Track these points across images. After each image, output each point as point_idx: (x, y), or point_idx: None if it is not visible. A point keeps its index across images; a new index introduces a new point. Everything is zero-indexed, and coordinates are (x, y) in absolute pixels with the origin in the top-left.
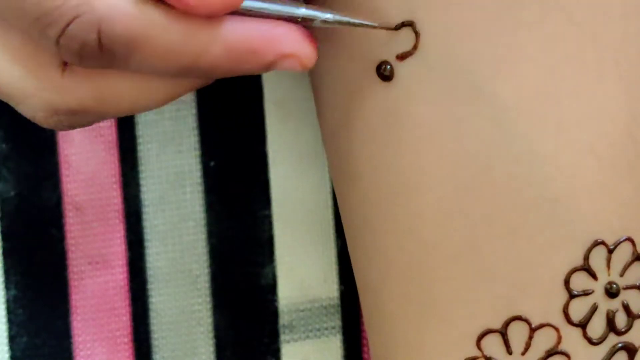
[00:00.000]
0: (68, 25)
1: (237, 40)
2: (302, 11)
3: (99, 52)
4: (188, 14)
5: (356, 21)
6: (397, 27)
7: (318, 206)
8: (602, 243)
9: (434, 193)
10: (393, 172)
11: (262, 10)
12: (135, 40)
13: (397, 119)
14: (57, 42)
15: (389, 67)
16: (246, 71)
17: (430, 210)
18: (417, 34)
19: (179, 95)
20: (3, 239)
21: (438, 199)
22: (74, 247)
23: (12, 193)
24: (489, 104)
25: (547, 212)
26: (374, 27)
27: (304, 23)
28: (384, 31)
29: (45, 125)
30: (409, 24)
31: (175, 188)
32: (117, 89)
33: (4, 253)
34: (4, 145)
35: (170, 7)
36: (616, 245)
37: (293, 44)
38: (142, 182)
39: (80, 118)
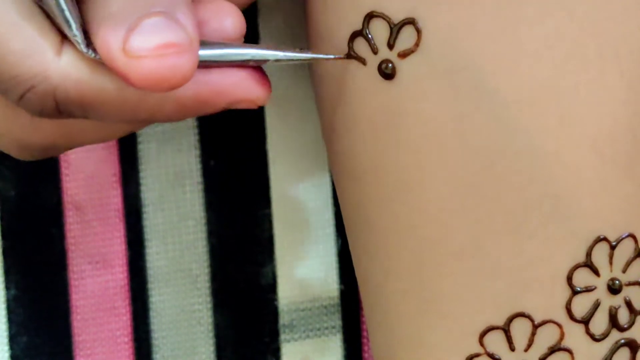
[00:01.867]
0: (25, 93)
1: (187, 96)
2: (253, 53)
3: (57, 112)
4: None
5: (308, 56)
6: (348, 56)
7: (318, 205)
8: (605, 239)
9: (436, 190)
10: (395, 170)
11: (211, 59)
12: (90, 104)
13: (399, 117)
14: (17, 103)
15: (390, 65)
16: (200, 115)
17: (433, 207)
18: (418, 31)
19: (146, 125)
20: (3, 238)
21: (440, 196)
22: (73, 246)
23: (12, 192)
24: (490, 101)
25: (550, 208)
26: (328, 59)
27: (258, 64)
28: None
29: (19, 158)
30: (411, 22)
31: (175, 187)
32: (84, 127)
33: (3, 252)
34: None
35: None
36: (618, 241)
37: (244, 91)
38: (142, 181)
39: (52, 151)
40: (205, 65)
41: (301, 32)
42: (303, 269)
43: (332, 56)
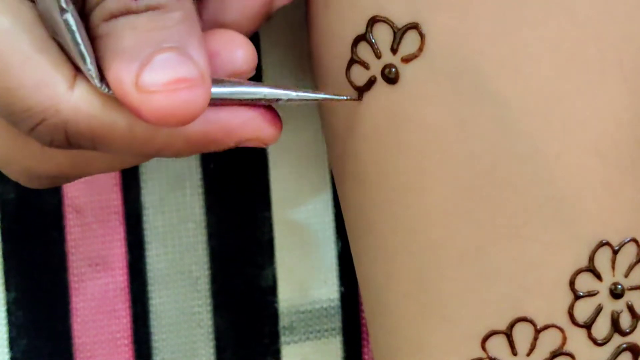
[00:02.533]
0: (36, 126)
1: (197, 134)
2: (265, 92)
3: (67, 144)
4: None
5: (321, 96)
6: (360, 98)
7: (318, 208)
8: (607, 244)
9: (439, 194)
10: (397, 173)
11: (222, 97)
12: (100, 138)
13: (402, 121)
14: (29, 134)
15: (393, 69)
16: (208, 152)
17: (435, 210)
18: (422, 36)
19: (153, 157)
20: (3, 241)
21: (443, 200)
22: (74, 249)
23: (13, 195)
24: (493, 105)
25: (552, 212)
26: (341, 100)
27: (269, 102)
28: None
29: (28, 186)
30: (414, 26)
31: (175, 190)
32: (93, 157)
33: (4, 255)
34: None
35: None
36: (621, 245)
37: (253, 130)
38: (142, 184)
39: (60, 180)
40: (216, 103)
41: (303, 65)
42: (303, 272)
43: (344, 97)
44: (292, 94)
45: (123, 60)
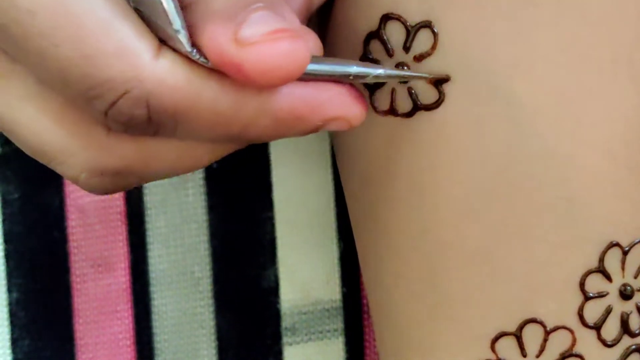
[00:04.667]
0: (117, 100)
1: (284, 109)
2: (354, 69)
3: (146, 124)
4: (242, 85)
5: (407, 74)
6: (448, 77)
7: (320, 208)
8: (617, 245)
9: (449, 193)
10: (408, 173)
11: (313, 72)
12: (183, 113)
13: (413, 120)
14: (104, 114)
15: (405, 68)
16: (289, 136)
17: (446, 210)
18: (435, 34)
19: (221, 156)
20: (5, 241)
21: (453, 200)
22: (76, 249)
23: (15, 195)
24: (505, 104)
25: (563, 212)
26: (426, 79)
27: (356, 80)
28: None
29: (86, 188)
30: (427, 25)
31: (177, 190)
32: (162, 150)
33: (6, 255)
34: (6, 148)
35: (220, 78)
36: (631, 246)
37: (339, 107)
38: (144, 184)
39: (122, 180)
40: (303, 78)
41: None
42: (305, 272)
43: (430, 75)
44: (380, 71)
45: (218, 21)
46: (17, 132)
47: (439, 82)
